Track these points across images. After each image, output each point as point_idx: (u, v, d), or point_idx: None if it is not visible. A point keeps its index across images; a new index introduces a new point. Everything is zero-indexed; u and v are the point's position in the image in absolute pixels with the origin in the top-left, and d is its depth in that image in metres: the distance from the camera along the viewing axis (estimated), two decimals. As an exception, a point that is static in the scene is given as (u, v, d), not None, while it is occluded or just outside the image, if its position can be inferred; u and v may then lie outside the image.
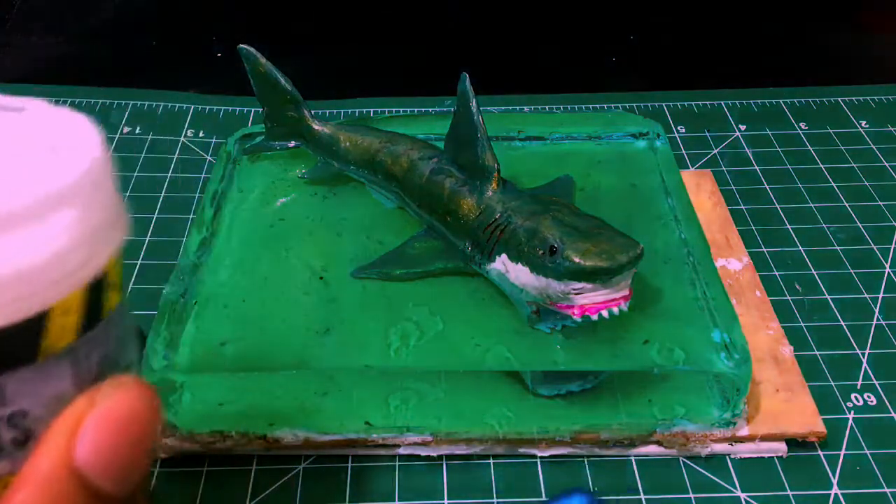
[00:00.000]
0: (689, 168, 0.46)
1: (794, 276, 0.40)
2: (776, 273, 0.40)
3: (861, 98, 0.52)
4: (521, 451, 0.32)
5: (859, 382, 0.35)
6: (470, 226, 0.33)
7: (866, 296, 0.39)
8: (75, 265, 0.16)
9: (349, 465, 0.32)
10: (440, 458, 0.32)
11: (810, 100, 0.52)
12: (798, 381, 0.34)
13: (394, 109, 0.51)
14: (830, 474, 0.32)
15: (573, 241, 0.29)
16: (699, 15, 0.63)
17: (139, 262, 0.40)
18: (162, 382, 0.30)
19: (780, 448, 0.32)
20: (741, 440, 0.32)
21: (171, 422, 0.31)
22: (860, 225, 0.43)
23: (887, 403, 0.34)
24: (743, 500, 0.31)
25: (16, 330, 0.16)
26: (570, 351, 0.31)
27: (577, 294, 0.29)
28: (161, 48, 0.60)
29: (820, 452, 0.32)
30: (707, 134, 0.49)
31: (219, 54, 0.58)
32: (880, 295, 0.39)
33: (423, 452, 0.32)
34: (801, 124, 0.50)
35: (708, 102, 0.52)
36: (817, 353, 0.36)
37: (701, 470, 0.32)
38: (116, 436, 0.17)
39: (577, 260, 0.28)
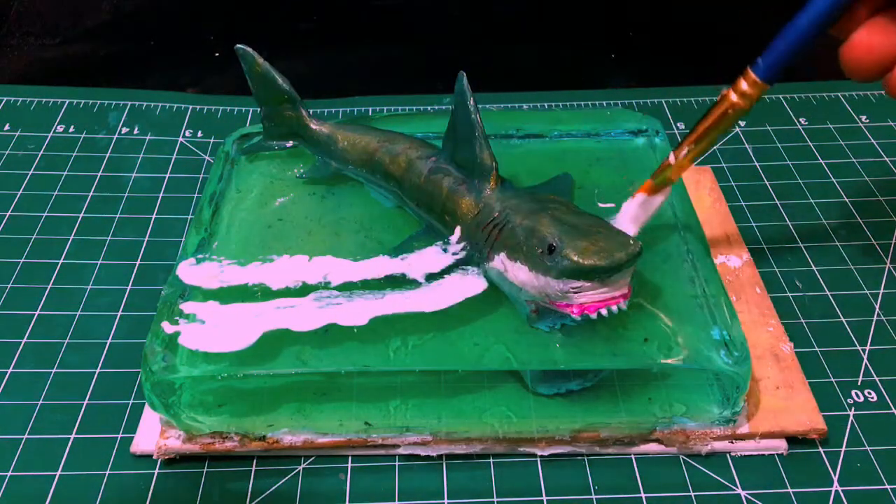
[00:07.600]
0: (688, 164, 0.46)
1: (794, 273, 0.40)
2: (776, 269, 0.40)
3: (861, 93, 0.52)
4: (521, 450, 0.32)
5: (860, 379, 0.35)
6: (468, 225, 0.33)
7: (867, 291, 0.39)
8: None
9: (349, 465, 0.32)
10: (440, 457, 0.32)
11: (810, 95, 0.52)
12: (798, 378, 0.34)
13: (392, 108, 0.51)
14: (831, 471, 0.31)
15: (571, 240, 0.29)
16: (698, 10, 0.63)
17: (138, 262, 0.40)
18: (161, 384, 0.30)
19: (781, 445, 0.32)
20: (741, 438, 0.32)
21: (170, 423, 0.31)
22: (860, 220, 0.43)
23: (888, 400, 0.34)
24: (743, 498, 0.31)
25: None
26: (569, 349, 0.31)
27: (575, 292, 0.29)
28: (159, 48, 0.60)
29: (820, 449, 0.32)
30: (706, 130, 0.49)
31: (217, 54, 0.58)
32: (881, 291, 0.39)
33: (422, 452, 0.32)
34: (800, 119, 0.50)
35: (707, 98, 0.52)
36: (817, 349, 0.36)
37: (701, 468, 0.32)
38: None
39: (575, 258, 0.28)
